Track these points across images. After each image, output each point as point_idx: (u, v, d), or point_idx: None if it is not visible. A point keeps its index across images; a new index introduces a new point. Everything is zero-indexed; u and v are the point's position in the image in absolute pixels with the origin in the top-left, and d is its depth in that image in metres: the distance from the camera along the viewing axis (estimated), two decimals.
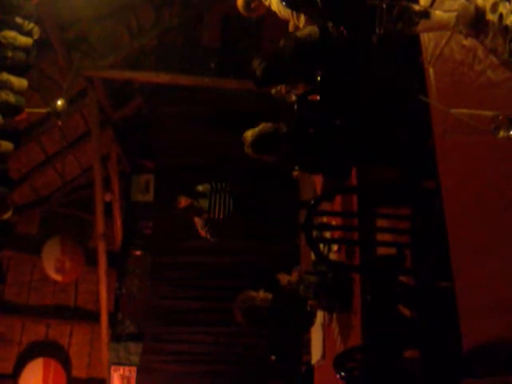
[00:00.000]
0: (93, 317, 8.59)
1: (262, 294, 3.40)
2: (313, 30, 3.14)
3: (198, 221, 5.63)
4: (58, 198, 8.87)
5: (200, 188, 5.67)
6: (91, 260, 8.58)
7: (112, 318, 8.42)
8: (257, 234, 7.36)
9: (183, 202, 5.60)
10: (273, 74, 3.31)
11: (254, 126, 3.40)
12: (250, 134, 3.34)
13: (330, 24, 3.11)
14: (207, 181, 5.72)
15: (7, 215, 5.33)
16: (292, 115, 3.39)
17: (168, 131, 8.14)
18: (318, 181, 4.12)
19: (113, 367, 8.12)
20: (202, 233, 5.56)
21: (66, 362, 8.64)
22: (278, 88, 3.92)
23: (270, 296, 3.38)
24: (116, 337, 8.33)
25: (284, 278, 3.82)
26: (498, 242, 1.59)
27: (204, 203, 5.57)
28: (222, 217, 5.56)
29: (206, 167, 7.71)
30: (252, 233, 7.25)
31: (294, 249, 6.45)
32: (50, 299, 8.71)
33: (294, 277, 4.00)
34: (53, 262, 8.64)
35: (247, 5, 3.74)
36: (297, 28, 3.55)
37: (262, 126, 3.34)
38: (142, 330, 8.17)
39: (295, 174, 5.05)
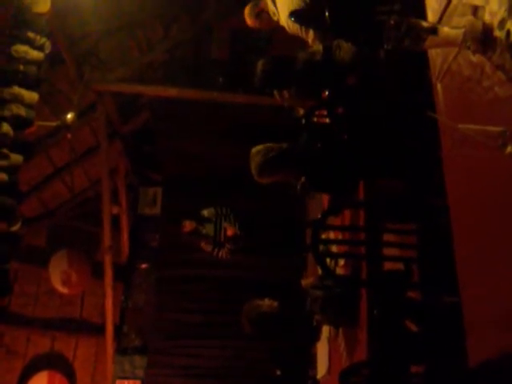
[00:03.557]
0: (98, 330, 8.56)
1: (267, 301, 3.40)
2: (318, 49, 3.17)
3: (205, 246, 5.68)
4: (66, 210, 8.91)
5: (205, 213, 5.71)
6: (98, 273, 8.58)
7: (117, 331, 8.40)
8: (263, 248, 7.36)
9: (188, 226, 5.66)
10: (274, 77, 3.30)
11: (261, 140, 3.36)
12: (256, 160, 3.21)
13: (336, 43, 3.13)
14: (214, 195, 5.77)
15: (16, 227, 5.36)
16: (297, 130, 3.37)
17: (176, 145, 8.19)
18: (326, 197, 4.11)
19: (117, 381, 8.08)
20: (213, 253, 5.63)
21: (70, 374, 8.61)
22: (280, 92, 3.80)
23: (275, 303, 3.38)
24: (121, 350, 8.30)
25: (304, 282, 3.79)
26: (504, 256, 1.60)
27: (209, 228, 5.62)
28: (228, 240, 5.61)
29: (214, 181, 7.74)
30: (258, 247, 7.26)
31: (300, 263, 6.45)
32: (55, 311, 8.70)
33: (310, 280, 3.97)
34: (59, 274, 8.65)
35: (253, 10, 3.73)
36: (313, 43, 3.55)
37: (264, 149, 3.23)
38: (148, 343, 8.15)
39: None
